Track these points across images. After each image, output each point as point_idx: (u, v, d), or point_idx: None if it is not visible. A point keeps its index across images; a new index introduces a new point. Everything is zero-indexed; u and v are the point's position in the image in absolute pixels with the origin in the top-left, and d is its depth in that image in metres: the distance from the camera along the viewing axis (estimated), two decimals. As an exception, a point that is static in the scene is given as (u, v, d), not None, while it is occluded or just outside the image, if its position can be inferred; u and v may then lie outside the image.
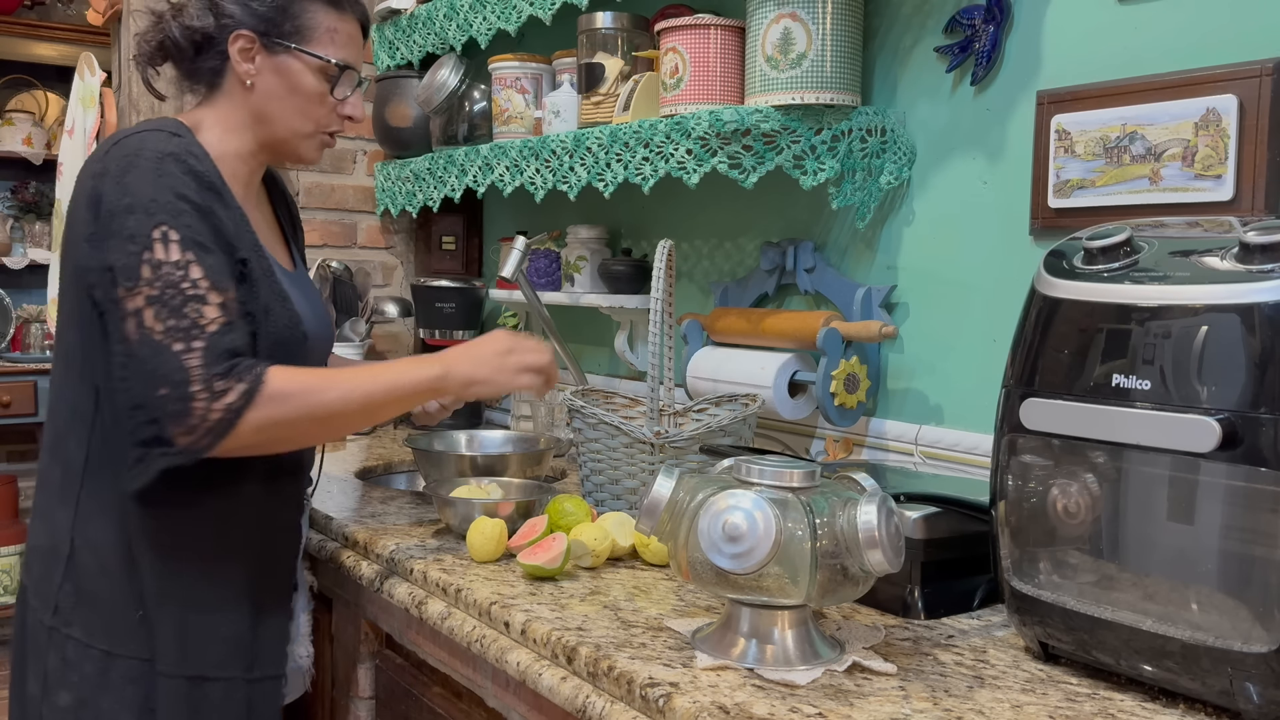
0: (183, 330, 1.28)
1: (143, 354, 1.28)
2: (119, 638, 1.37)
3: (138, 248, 1.29)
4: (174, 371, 1.27)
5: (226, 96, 1.48)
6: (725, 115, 1.65)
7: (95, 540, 1.38)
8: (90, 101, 2.77)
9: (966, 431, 1.65)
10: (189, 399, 1.26)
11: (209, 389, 1.27)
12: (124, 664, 1.37)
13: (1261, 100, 1.29)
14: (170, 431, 1.28)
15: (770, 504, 1.06)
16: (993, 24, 1.59)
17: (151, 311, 1.28)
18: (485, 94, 2.45)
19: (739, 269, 2.09)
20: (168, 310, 1.28)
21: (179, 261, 1.30)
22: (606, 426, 1.61)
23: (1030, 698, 1.04)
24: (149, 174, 1.32)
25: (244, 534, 1.43)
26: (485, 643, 1.28)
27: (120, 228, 1.30)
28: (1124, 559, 1.04)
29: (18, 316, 4.55)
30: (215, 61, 1.47)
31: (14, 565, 4.28)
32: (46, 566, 1.40)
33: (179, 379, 1.26)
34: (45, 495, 1.44)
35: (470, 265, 2.89)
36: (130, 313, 1.29)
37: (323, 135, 1.53)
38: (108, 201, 1.32)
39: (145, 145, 1.35)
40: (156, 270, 1.29)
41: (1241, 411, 0.93)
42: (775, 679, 1.06)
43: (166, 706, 1.37)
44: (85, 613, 1.38)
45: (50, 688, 1.38)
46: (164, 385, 1.27)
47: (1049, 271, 1.10)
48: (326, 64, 1.47)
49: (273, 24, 1.45)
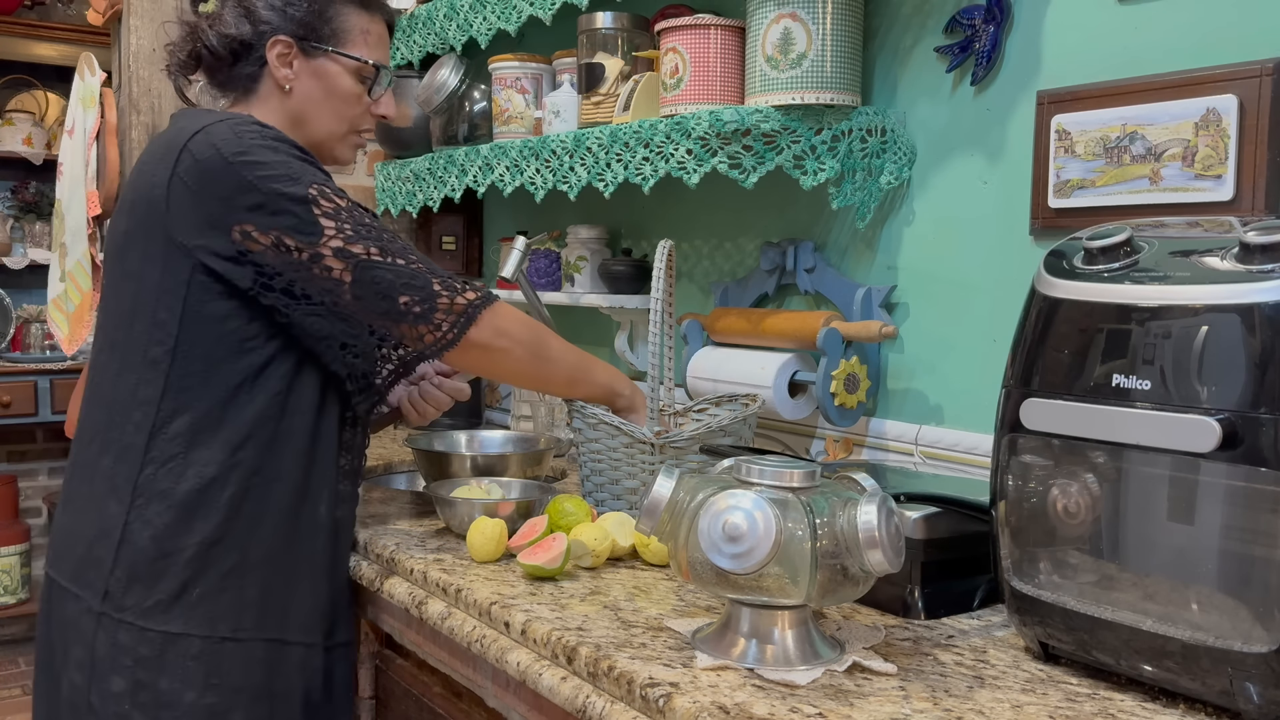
0: (398, 249, 1.38)
1: (368, 277, 1.36)
2: (177, 617, 1.37)
3: (306, 207, 1.35)
4: (414, 277, 1.37)
5: (263, 101, 1.50)
6: (725, 115, 1.65)
7: (154, 523, 1.38)
8: (90, 101, 2.77)
9: (966, 431, 1.65)
10: (434, 295, 1.37)
11: (451, 287, 1.38)
12: (184, 642, 1.37)
13: (1261, 100, 1.29)
14: (415, 332, 1.39)
15: (770, 504, 1.06)
16: (993, 24, 1.59)
17: (360, 246, 1.36)
18: (485, 94, 2.45)
19: (739, 269, 2.09)
20: (371, 238, 1.37)
21: (347, 206, 1.38)
22: (606, 426, 1.61)
23: (1030, 698, 1.04)
24: (265, 149, 1.37)
25: (319, 502, 1.46)
26: (485, 643, 1.28)
27: (273, 203, 1.34)
28: (1124, 559, 1.04)
29: (18, 316, 4.55)
30: (252, 68, 1.49)
31: (14, 565, 4.28)
32: (93, 554, 1.40)
33: (421, 282, 1.37)
34: (87, 483, 1.43)
35: (470, 265, 2.89)
36: (330, 255, 1.35)
37: (358, 135, 1.57)
38: (238, 181, 1.34)
39: (241, 127, 1.39)
40: (337, 214, 1.36)
41: (1241, 411, 0.93)
42: (775, 679, 1.06)
43: (238, 673, 1.38)
44: (139, 595, 1.37)
45: (99, 674, 1.37)
46: (405, 294, 1.36)
47: (1049, 271, 1.10)
48: (364, 65, 1.51)
49: (310, 28, 1.48)
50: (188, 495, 1.37)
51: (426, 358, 1.49)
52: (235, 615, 1.39)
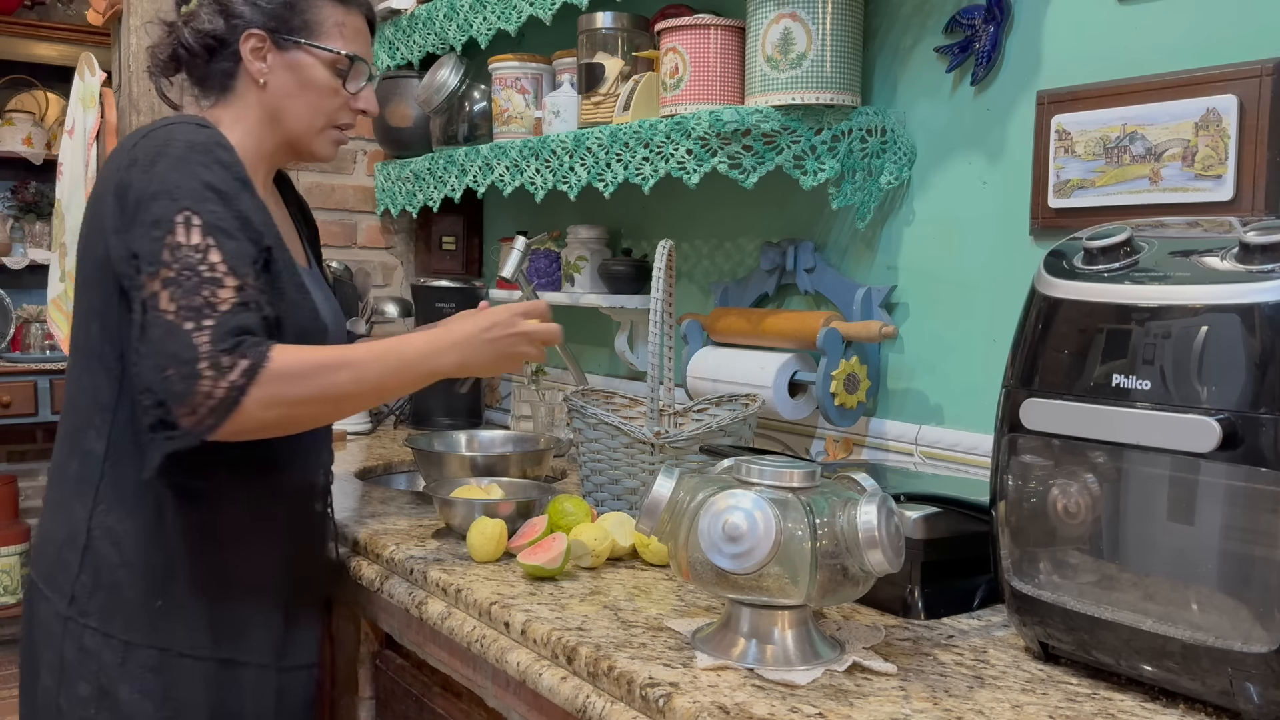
0: (194, 310, 1.28)
1: (154, 335, 1.28)
2: (138, 627, 1.37)
3: (161, 233, 1.30)
4: (182, 350, 1.26)
5: (240, 98, 1.49)
6: (725, 115, 1.65)
7: (115, 530, 1.38)
8: (90, 101, 2.77)
9: (966, 431, 1.65)
10: (195, 377, 1.25)
11: (215, 365, 1.25)
12: (143, 653, 1.37)
13: (1261, 100, 1.29)
14: (174, 413, 1.27)
15: (770, 504, 1.06)
16: (993, 24, 1.59)
17: (167, 293, 1.29)
18: (485, 94, 2.45)
19: (739, 269, 2.09)
20: (182, 291, 1.28)
21: (199, 245, 1.30)
22: (606, 426, 1.61)
23: (1030, 698, 1.04)
24: (177, 162, 1.34)
25: (274, 523, 1.45)
26: (485, 643, 1.28)
27: (146, 215, 1.32)
28: (1124, 559, 1.04)
29: (18, 316, 4.54)
30: (228, 63, 1.48)
31: (14, 565, 4.28)
32: (62, 557, 1.40)
33: (187, 357, 1.25)
34: (60, 488, 1.44)
35: (470, 265, 2.89)
36: (148, 295, 1.30)
37: (335, 130, 1.54)
38: (135, 190, 1.33)
39: (174, 136, 1.36)
40: (175, 253, 1.30)
41: (1241, 411, 0.93)
42: (775, 679, 1.06)
43: (196, 692, 1.38)
44: (103, 602, 1.38)
45: (68, 678, 1.38)
46: (171, 365, 1.26)
47: (1049, 271, 1.10)
48: (338, 56, 1.49)
49: (282, 21, 1.47)
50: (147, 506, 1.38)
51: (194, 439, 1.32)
52: (191, 632, 1.39)
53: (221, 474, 1.39)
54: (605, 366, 2.45)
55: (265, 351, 1.27)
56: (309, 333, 1.43)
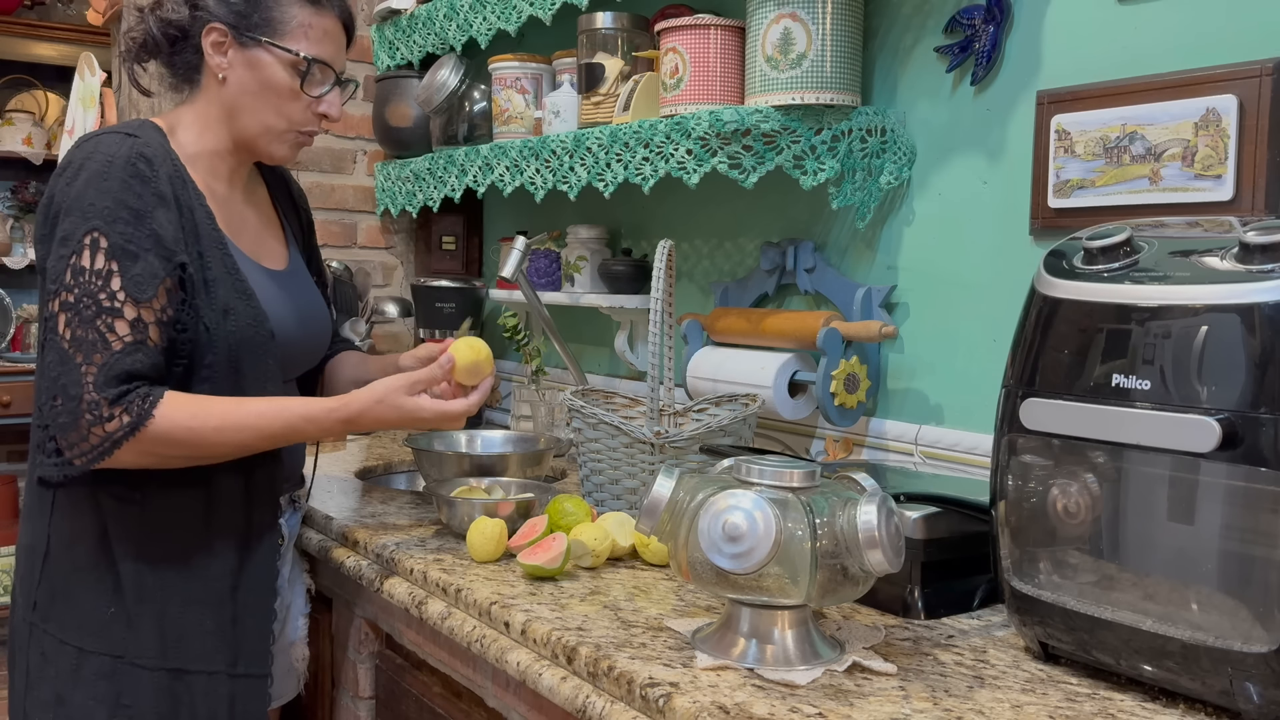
0: (88, 344, 1.29)
1: (49, 359, 1.32)
2: (90, 634, 1.38)
3: (67, 251, 1.31)
4: (70, 384, 1.29)
5: (204, 92, 1.48)
6: (725, 115, 1.65)
7: (69, 538, 1.40)
8: (90, 101, 2.77)
9: (966, 431, 1.65)
10: (77, 415, 1.29)
11: (96, 412, 1.29)
12: (95, 660, 1.38)
13: (1261, 100, 1.29)
14: (58, 442, 1.32)
15: (770, 504, 1.06)
16: (993, 24, 1.59)
17: (64, 318, 1.30)
18: (485, 94, 2.45)
19: (739, 269, 2.09)
20: (79, 320, 1.30)
21: (101, 270, 1.31)
22: (606, 426, 1.61)
23: (1030, 698, 1.04)
24: (93, 177, 1.34)
25: (220, 531, 1.44)
26: (485, 643, 1.28)
27: (58, 229, 1.33)
28: (1124, 559, 1.04)
29: (18, 316, 4.54)
30: (191, 56, 1.47)
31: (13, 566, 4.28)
32: (29, 564, 1.43)
33: (73, 393, 1.29)
34: (29, 495, 1.46)
35: (470, 265, 2.89)
36: (49, 315, 1.32)
37: (297, 134, 1.50)
38: (55, 201, 1.35)
39: (98, 149, 1.36)
40: (78, 277, 1.31)
41: (1241, 411, 0.93)
42: (775, 679, 1.06)
43: (147, 700, 1.38)
44: (60, 609, 1.39)
45: (32, 683, 1.40)
46: (60, 395, 1.30)
47: (1049, 271, 1.10)
48: (296, 58, 1.45)
49: (243, 17, 1.44)
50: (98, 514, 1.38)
51: (76, 470, 1.35)
52: (142, 640, 1.38)
53: (153, 486, 1.38)
54: (605, 366, 2.45)
55: (149, 409, 1.30)
56: (248, 341, 1.41)
